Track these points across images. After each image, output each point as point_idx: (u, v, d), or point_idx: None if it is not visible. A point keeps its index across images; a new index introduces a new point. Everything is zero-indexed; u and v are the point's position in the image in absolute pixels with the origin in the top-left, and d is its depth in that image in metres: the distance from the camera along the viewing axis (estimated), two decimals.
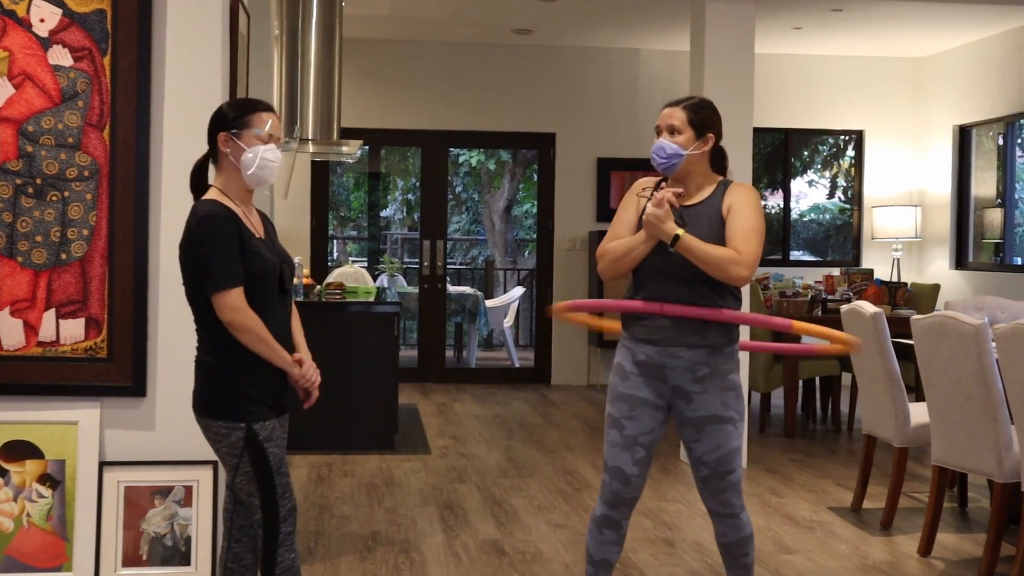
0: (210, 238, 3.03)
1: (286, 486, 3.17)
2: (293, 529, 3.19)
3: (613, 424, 3.47)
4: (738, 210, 3.37)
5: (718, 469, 3.43)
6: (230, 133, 3.11)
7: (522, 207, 14.91)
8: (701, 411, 3.40)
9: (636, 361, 3.44)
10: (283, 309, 3.21)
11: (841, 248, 10.98)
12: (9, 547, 3.99)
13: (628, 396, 3.45)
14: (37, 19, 3.97)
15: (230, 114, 3.13)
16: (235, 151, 3.11)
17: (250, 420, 3.10)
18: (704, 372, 3.39)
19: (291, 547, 3.18)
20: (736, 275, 3.28)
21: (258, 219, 3.23)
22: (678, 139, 3.40)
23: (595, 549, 3.53)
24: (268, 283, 3.12)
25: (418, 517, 5.44)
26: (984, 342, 4.41)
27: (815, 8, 8.60)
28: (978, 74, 9.61)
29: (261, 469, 3.13)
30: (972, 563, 4.76)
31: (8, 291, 3.99)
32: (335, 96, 6.16)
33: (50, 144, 3.99)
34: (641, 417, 3.44)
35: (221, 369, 3.11)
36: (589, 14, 8.99)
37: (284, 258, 3.24)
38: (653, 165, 3.44)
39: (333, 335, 6.93)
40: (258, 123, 3.11)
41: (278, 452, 3.16)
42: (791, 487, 6.19)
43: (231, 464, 3.14)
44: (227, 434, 3.11)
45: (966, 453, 4.63)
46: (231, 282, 3.02)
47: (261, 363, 3.11)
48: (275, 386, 3.18)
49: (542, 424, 8.24)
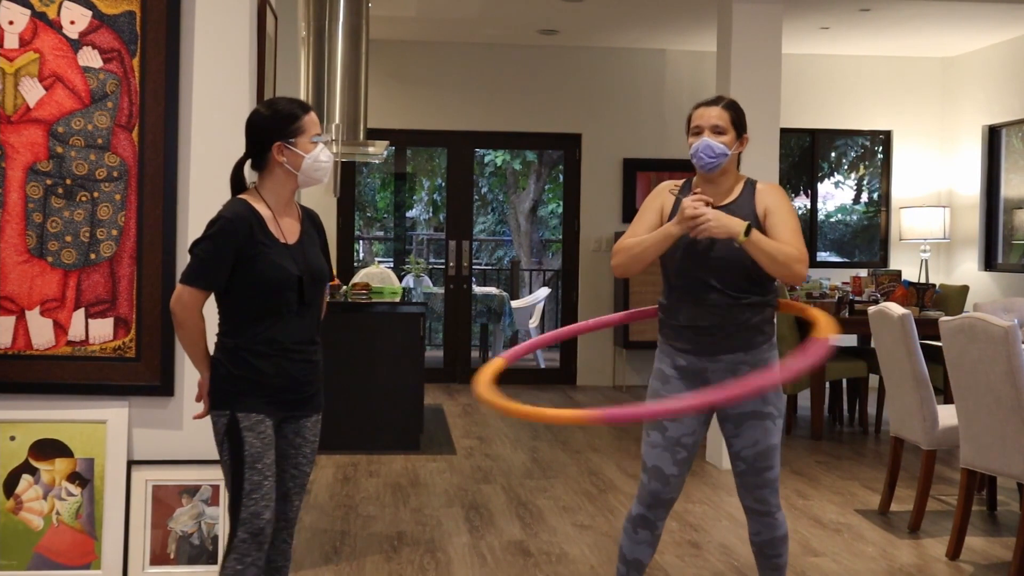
0: (211, 236, 3.05)
1: (257, 486, 3.06)
2: (251, 540, 3.06)
3: (654, 426, 3.47)
4: (776, 211, 3.36)
5: (755, 465, 3.43)
6: (286, 142, 3.10)
7: (548, 208, 14.90)
8: (741, 407, 3.41)
9: (676, 366, 3.45)
10: (301, 321, 3.14)
11: (868, 249, 10.92)
12: (39, 545, 4.03)
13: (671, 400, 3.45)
14: (67, 21, 4.00)
15: (282, 123, 3.10)
16: (292, 159, 3.11)
17: (235, 408, 3.07)
18: (745, 370, 3.39)
19: (242, 559, 3.05)
20: (799, 273, 3.26)
21: (295, 223, 3.19)
22: (723, 139, 3.38)
23: (629, 549, 3.53)
24: (280, 292, 3.07)
25: (443, 517, 5.44)
26: (1013, 344, 4.37)
27: (843, 8, 8.55)
28: (1007, 74, 9.53)
29: (234, 457, 3.07)
30: (1002, 567, 4.72)
31: (38, 291, 4.02)
32: (361, 97, 6.18)
33: (80, 145, 4.02)
34: (684, 419, 3.44)
35: (221, 360, 3.11)
36: (615, 15, 8.97)
37: (313, 269, 3.17)
38: (698, 164, 3.39)
39: (359, 336, 6.97)
40: (311, 127, 3.13)
41: (258, 446, 3.07)
42: (818, 489, 6.16)
43: (219, 454, 3.12)
44: (215, 421, 3.11)
45: (995, 456, 4.59)
46: (197, 283, 3.05)
47: (266, 361, 3.08)
48: (279, 386, 3.11)
49: (567, 425, 8.23)
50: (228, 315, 3.12)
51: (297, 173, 3.12)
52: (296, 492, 3.24)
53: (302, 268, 3.13)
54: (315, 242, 3.26)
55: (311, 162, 3.12)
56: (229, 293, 3.09)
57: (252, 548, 3.06)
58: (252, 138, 3.15)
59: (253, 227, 3.06)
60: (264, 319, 3.08)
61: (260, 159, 3.14)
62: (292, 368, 3.13)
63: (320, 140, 3.14)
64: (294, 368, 3.13)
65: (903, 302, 7.82)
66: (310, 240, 3.23)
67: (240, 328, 3.09)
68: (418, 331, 7.06)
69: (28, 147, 4.00)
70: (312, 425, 3.25)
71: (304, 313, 3.15)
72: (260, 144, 3.12)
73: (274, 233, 3.11)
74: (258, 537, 3.07)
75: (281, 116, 3.12)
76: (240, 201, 3.12)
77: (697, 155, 3.37)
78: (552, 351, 12.15)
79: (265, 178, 3.15)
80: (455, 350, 10.38)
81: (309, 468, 3.27)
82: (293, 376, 3.13)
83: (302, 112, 3.13)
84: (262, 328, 3.08)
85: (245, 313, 3.09)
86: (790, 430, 7.82)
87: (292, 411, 3.18)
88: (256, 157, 3.15)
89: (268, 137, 3.11)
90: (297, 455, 3.22)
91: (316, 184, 3.20)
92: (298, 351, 3.14)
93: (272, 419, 3.12)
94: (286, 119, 3.11)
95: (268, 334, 3.08)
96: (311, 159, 3.12)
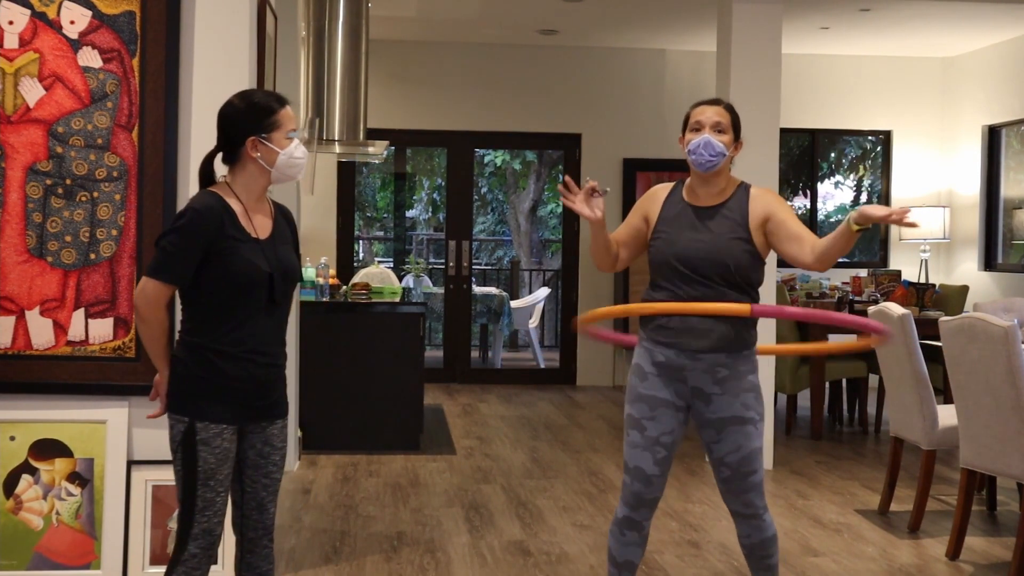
0: (179, 229, 2.93)
1: (210, 503, 2.96)
2: (201, 555, 2.98)
3: (633, 425, 3.46)
4: (779, 211, 3.38)
5: (740, 470, 3.41)
6: (260, 137, 2.99)
7: (547, 207, 14.90)
8: (721, 412, 3.39)
9: (655, 362, 3.43)
10: (270, 321, 3.03)
11: (868, 249, 10.92)
12: (39, 545, 4.03)
13: (648, 397, 3.44)
14: (67, 21, 4.00)
15: (257, 116, 2.99)
16: (267, 155, 3.00)
17: (195, 415, 2.95)
18: (723, 374, 3.37)
19: (191, 572, 2.97)
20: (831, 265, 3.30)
21: (267, 219, 3.08)
22: (723, 139, 3.38)
23: (618, 551, 3.52)
24: (249, 289, 2.96)
25: (443, 517, 5.44)
26: (1013, 344, 4.38)
27: (842, 8, 8.55)
28: (1007, 74, 9.53)
29: (187, 472, 2.96)
30: (1001, 567, 4.72)
31: (38, 291, 4.02)
32: (361, 97, 6.18)
33: (80, 145, 4.02)
34: (662, 418, 3.43)
35: (182, 360, 2.99)
36: (615, 15, 8.97)
37: (285, 267, 3.05)
38: (696, 161, 3.37)
39: (359, 336, 6.97)
40: (287, 122, 3.01)
41: (212, 462, 2.95)
42: (818, 489, 6.16)
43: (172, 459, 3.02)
44: (172, 425, 2.99)
45: (995, 456, 4.59)
46: (163, 276, 2.92)
47: (232, 363, 2.96)
48: (244, 390, 3.00)
49: (567, 425, 8.23)
50: (193, 312, 3.00)
51: (271, 169, 3.00)
52: (270, 499, 3.14)
53: (273, 265, 3.01)
54: (287, 239, 3.14)
55: (286, 159, 3.00)
56: (196, 289, 2.96)
57: (203, 562, 3.00)
58: (225, 130, 3.02)
59: (224, 220, 2.94)
60: (231, 317, 2.96)
61: (232, 153, 3.02)
62: (258, 372, 3.01)
63: (296, 136, 3.03)
64: (259, 372, 3.01)
65: (903, 302, 7.82)
66: (282, 237, 3.11)
67: (205, 326, 2.97)
68: (418, 331, 7.07)
69: (28, 147, 4.00)
70: (279, 432, 3.12)
71: (273, 312, 3.04)
72: (233, 137, 3.00)
73: (245, 228, 2.99)
74: (208, 551, 3.00)
75: (256, 109, 2.99)
76: (210, 193, 2.99)
77: (697, 151, 3.35)
78: (552, 351, 12.16)
79: (237, 172, 3.03)
80: (455, 350, 10.38)
81: (280, 474, 3.15)
82: (258, 380, 3.02)
83: (278, 106, 3.01)
84: (229, 327, 2.96)
85: (212, 310, 2.97)
86: (790, 430, 7.82)
87: (258, 419, 3.06)
88: (228, 150, 3.03)
89: (242, 130, 2.98)
90: (267, 464, 3.10)
91: (290, 180, 3.09)
92: (265, 353, 3.02)
93: (234, 426, 3.01)
94: (261, 112, 2.99)
95: (235, 334, 2.96)
96: (286, 156, 3.00)
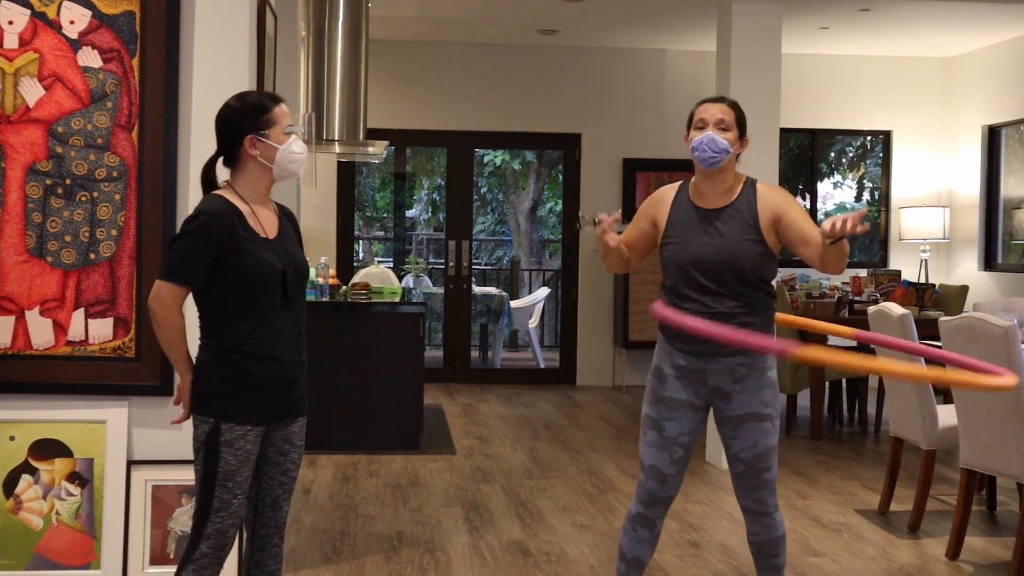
0: (191, 232, 2.98)
1: (226, 504, 3.00)
2: (213, 555, 3.01)
3: (651, 425, 3.47)
4: (788, 211, 3.37)
5: (754, 466, 3.43)
6: (258, 135, 3.05)
7: (547, 207, 14.90)
8: (739, 409, 3.41)
9: (675, 365, 3.45)
10: (288, 317, 3.08)
11: (868, 249, 10.92)
12: (38, 545, 4.02)
13: (668, 398, 3.46)
14: (67, 21, 4.00)
15: (252, 115, 3.06)
16: (265, 151, 3.06)
17: (220, 417, 2.99)
18: (743, 372, 3.39)
19: (201, 571, 3.00)
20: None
21: (273, 218, 3.14)
22: (727, 136, 3.37)
23: (628, 547, 3.54)
24: (265, 287, 3.01)
25: (443, 517, 5.44)
26: (1013, 344, 4.38)
27: (842, 8, 8.55)
28: (1007, 74, 9.53)
29: (206, 472, 3.00)
30: (1001, 567, 4.72)
31: (38, 291, 4.02)
32: (361, 97, 6.18)
33: (79, 145, 4.02)
34: (681, 419, 3.45)
35: (207, 362, 3.03)
36: (614, 15, 8.97)
37: (296, 263, 3.12)
38: (700, 158, 3.37)
39: (359, 335, 6.97)
40: (282, 118, 3.08)
41: (233, 463, 3.00)
42: (817, 489, 6.16)
43: (193, 458, 3.06)
44: (197, 426, 3.03)
45: (994, 456, 4.59)
46: (177, 278, 2.97)
47: (256, 362, 3.01)
48: (269, 390, 3.05)
49: (567, 425, 8.23)
50: (210, 315, 3.04)
51: (271, 166, 3.06)
52: (285, 498, 3.18)
53: (285, 262, 3.07)
54: (293, 238, 3.20)
55: (284, 153, 3.06)
56: (210, 291, 3.01)
57: (213, 562, 3.03)
58: (223, 133, 3.08)
59: (234, 222, 3.00)
60: (249, 318, 3.00)
61: (232, 154, 3.09)
62: (281, 370, 3.06)
63: (293, 131, 3.09)
64: (283, 370, 3.06)
65: (903, 302, 7.82)
66: (288, 235, 3.17)
67: (225, 329, 3.01)
68: (418, 331, 7.06)
69: (28, 147, 4.00)
70: (299, 430, 3.18)
71: (289, 309, 3.09)
72: (231, 138, 3.06)
73: (254, 228, 3.05)
74: (220, 552, 3.03)
75: (251, 108, 3.07)
76: (217, 196, 3.05)
77: (700, 148, 3.35)
78: (552, 351, 12.16)
79: (239, 174, 3.09)
80: (455, 350, 10.38)
81: (296, 472, 3.21)
82: (283, 378, 3.07)
83: (272, 103, 3.08)
84: (248, 327, 3.00)
85: (229, 312, 3.01)
86: (790, 430, 7.83)
87: (281, 417, 3.11)
88: (228, 153, 3.09)
89: (239, 130, 3.05)
90: (286, 461, 3.15)
91: (292, 176, 3.14)
92: (287, 350, 3.07)
93: (259, 428, 3.05)
94: (256, 110, 3.06)
95: (256, 334, 3.01)
96: (284, 150, 3.06)
